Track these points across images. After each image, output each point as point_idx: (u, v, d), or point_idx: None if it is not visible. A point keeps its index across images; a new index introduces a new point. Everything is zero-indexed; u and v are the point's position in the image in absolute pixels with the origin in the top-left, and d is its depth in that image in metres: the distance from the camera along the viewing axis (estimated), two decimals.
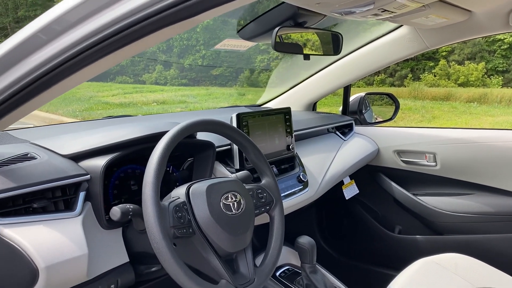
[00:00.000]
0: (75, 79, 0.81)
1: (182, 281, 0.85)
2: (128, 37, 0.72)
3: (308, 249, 1.38)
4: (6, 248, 0.85)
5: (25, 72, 0.80)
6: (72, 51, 0.75)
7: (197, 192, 0.97)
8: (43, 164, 0.99)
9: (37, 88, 0.80)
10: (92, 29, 0.74)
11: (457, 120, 8.23)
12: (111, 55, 0.76)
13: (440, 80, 19.20)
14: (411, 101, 11.34)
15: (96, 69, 0.81)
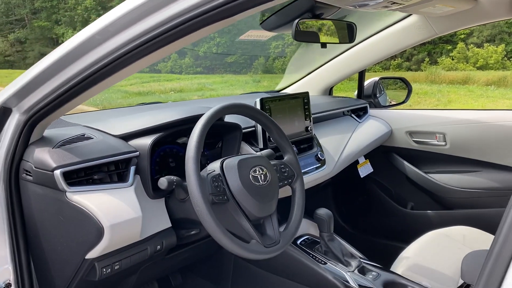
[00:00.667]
0: (127, 72, 0.96)
1: (220, 238, 1.01)
2: (173, 35, 0.86)
3: (326, 219, 1.53)
4: (76, 211, 1.02)
5: (85, 66, 0.95)
6: (126, 48, 0.90)
7: (230, 166, 1.12)
8: (99, 142, 1.15)
9: (94, 80, 0.96)
10: (141, 30, 0.88)
11: (473, 104, 8.22)
12: (157, 51, 0.91)
13: (458, 63, 18.87)
14: (428, 86, 11.28)
15: (144, 63, 0.95)
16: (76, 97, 1.02)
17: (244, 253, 1.04)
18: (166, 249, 1.24)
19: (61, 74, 0.99)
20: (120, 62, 0.92)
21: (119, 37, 0.91)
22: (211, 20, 0.82)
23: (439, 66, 18.51)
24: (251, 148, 1.50)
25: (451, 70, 17.87)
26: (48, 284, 1.18)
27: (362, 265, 1.52)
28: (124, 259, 1.13)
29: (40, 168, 1.05)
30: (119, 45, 0.91)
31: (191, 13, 0.82)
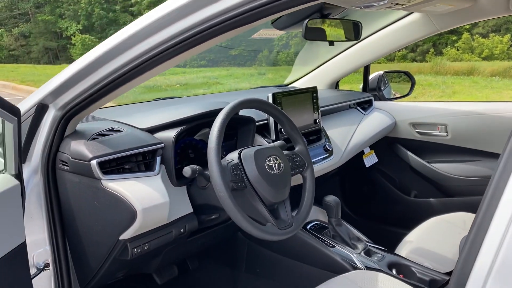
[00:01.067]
0: (154, 72, 1.07)
1: (240, 221, 1.12)
2: (201, 38, 0.97)
3: (334, 206, 1.64)
4: (111, 197, 1.14)
5: (116, 67, 1.06)
6: (154, 51, 1.01)
7: (247, 156, 1.23)
8: (128, 135, 1.27)
9: (125, 79, 1.07)
10: (169, 35, 0.98)
11: (477, 95, 8.26)
12: (188, 51, 1.01)
13: (463, 54, 18.76)
14: (432, 77, 11.29)
15: (171, 64, 1.06)
16: (108, 95, 1.13)
17: (261, 234, 1.15)
18: (189, 232, 1.36)
19: (95, 74, 1.10)
20: (148, 63, 1.03)
21: (147, 41, 1.01)
22: (236, 24, 0.92)
23: (444, 56, 18.40)
24: (264, 139, 1.61)
25: (456, 60, 17.74)
26: (83, 263, 1.30)
27: (368, 247, 1.63)
28: (153, 240, 1.25)
29: (77, 158, 1.17)
30: (147, 49, 1.01)
31: (215, 20, 0.93)
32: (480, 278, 0.59)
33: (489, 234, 0.60)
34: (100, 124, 1.34)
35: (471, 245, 0.64)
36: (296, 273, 1.69)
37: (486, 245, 0.60)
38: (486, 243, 0.61)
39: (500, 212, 0.61)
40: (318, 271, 1.61)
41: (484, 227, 0.63)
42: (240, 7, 0.87)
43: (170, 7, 0.96)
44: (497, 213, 0.62)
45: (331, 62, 2.35)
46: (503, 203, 0.61)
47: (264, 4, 0.84)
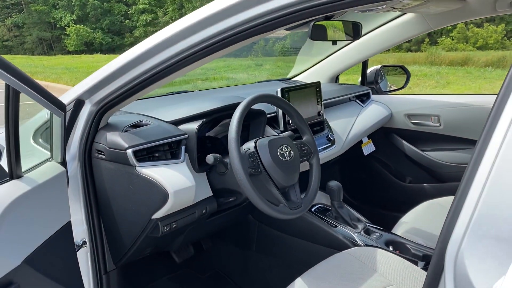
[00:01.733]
0: (182, 72, 1.22)
1: (257, 202, 1.28)
2: (226, 43, 1.12)
3: (336, 190, 1.81)
4: (145, 181, 1.30)
5: (148, 67, 1.21)
6: (183, 54, 1.16)
7: (262, 145, 1.39)
8: (156, 127, 1.43)
9: (156, 78, 1.22)
10: (197, 40, 1.13)
11: (471, 85, 8.43)
12: (209, 57, 1.15)
13: (458, 43, 18.86)
14: (427, 67, 11.44)
15: (196, 65, 1.21)
16: (139, 92, 1.28)
17: (275, 213, 1.32)
18: (209, 213, 1.52)
19: (127, 74, 1.26)
20: (178, 65, 1.18)
21: (177, 46, 1.16)
22: (260, 32, 1.07)
23: (439, 46, 18.47)
24: (273, 130, 1.77)
25: (451, 50, 17.82)
26: (117, 241, 1.46)
27: (367, 227, 1.80)
28: (179, 219, 1.42)
29: (114, 148, 1.33)
30: (176, 52, 1.16)
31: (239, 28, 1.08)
32: (458, 237, 0.75)
33: (463, 212, 0.75)
34: (129, 118, 1.50)
35: (450, 219, 0.77)
36: (303, 251, 1.86)
37: (460, 223, 0.75)
38: (460, 221, 0.75)
39: (472, 193, 0.73)
40: (322, 248, 1.78)
41: (460, 205, 0.76)
42: (267, 15, 1.02)
43: (197, 16, 1.11)
44: (473, 184, 0.74)
45: (331, 57, 2.50)
46: (479, 174, 0.73)
47: (293, 13, 0.98)
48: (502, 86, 0.75)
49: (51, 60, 18.99)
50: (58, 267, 1.22)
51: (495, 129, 0.73)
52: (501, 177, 0.70)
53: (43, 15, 28.73)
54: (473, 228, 0.72)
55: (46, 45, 29.66)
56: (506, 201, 0.69)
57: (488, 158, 0.72)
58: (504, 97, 0.73)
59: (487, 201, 0.71)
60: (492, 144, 0.72)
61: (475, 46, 18.63)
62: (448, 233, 0.75)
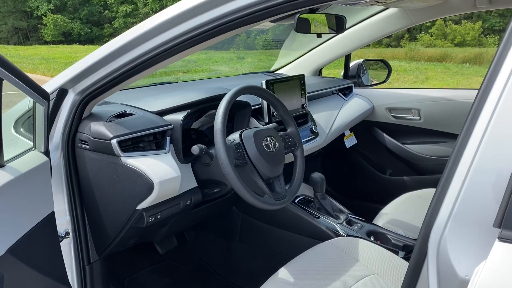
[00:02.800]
0: (166, 63, 1.21)
1: (243, 193, 1.29)
2: (210, 35, 1.11)
3: (319, 181, 1.84)
4: (131, 171, 1.29)
5: (133, 57, 1.20)
6: (166, 46, 1.15)
7: (247, 136, 1.40)
8: (141, 117, 1.42)
9: (140, 68, 1.21)
10: (181, 31, 1.12)
11: (449, 81, 8.61)
12: (192, 48, 1.14)
13: (436, 40, 19.19)
14: (407, 63, 11.62)
15: (180, 56, 1.20)
16: (123, 82, 1.27)
17: (260, 204, 1.33)
18: (194, 204, 1.53)
19: (112, 64, 1.24)
20: (161, 56, 1.17)
21: (161, 36, 1.15)
22: (246, 22, 1.06)
23: (418, 42, 18.76)
24: (258, 122, 1.78)
25: (430, 46, 18.11)
26: (101, 232, 1.45)
27: (349, 218, 1.83)
28: (164, 210, 1.42)
29: (98, 138, 1.31)
30: (160, 43, 1.16)
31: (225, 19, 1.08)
32: (441, 223, 0.78)
33: (450, 190, 0.78)
34: (113, 108, 1.49)
35: (434, 207, 0.79)
36: (286, 241, 1.88)
37: (448, 198, 0.78)
38: (443, 209, 0.77)
39: (459, 171, 0.76)
40: (305, 239, 1.81)
41: (443, 194, 0.78)
42: (252, 7, 1.02)
43: (181, 7, 1.10)
44: (457, 172, 0.76)
45: (315, 50, 2.52)
46: (462, 162, 0.75)
47: (277, 5, 0.98)
48: (483, 82, 0.77)
49: (27, 50, 18.54)
50: (42, 258, 1.21)
51: (476, 122, 0.75)
52: (482, 167, 0.73)
53: (18, 4, 27.98)
54: (456, 215, 0.75)
55: (22, 34, 28.92)
56: (486, 189, 0.72)
57: (470, 150, 0.75)
58: (485, 92, 0.75)
59: (468, 190, 0.74)
60: (474, 136, 0.75)
61: (453, 43, 18.99)
62: (431, 220, 0.78)
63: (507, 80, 0.73)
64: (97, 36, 26.77)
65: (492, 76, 0.75)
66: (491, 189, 0.71)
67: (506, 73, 0.73)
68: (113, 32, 25.48)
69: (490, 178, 0.72)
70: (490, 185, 0.72)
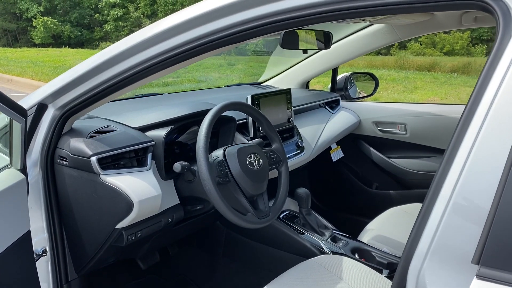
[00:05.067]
0: (150, 79, 1.19)
1: (224, 211, 1.27)
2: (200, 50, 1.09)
3: (304, 197, 1.82)
4: (110, 190, 1.27)
5: (116, 73, 1.18)
6: (152, 61, 1.13)
7: (230, 153, 1.38)
8: (122, 134, 1.39)
9: (123, 84, 1.19)
10: (163, 49, 1.10)
11: (437, 91, 8.67)
12: (176, 65, 1.12)
13: (426, 48, 19.37)
14: (396, 72, 11.70)
15: (164, 73, 1.18)
16: (105, 98, 1.25)
17: (243, 223, 1.31)
18: (175, 221, 1.50)
19: (94, 79, 1.22)
20: (147, 71, 1.15)
21: (145, 53, 1.14)
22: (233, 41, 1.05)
23: (408, 50, 18.91)
24: (243, 137, 1.77)
25: (419, 55, 18.26)
26: (79, 250, 1.42)
27: (334, 235, 1.82)
28: (145, 228, 1.39)
29: (77, 155, 1.29)
30: (145, 58, 1.14)
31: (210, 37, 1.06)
32: (421, 255, 0.76)
33: (429, 221, 0.76)
34: (95, 123, 1.46)
35: (417, 230, 0.77)
36: (270, 258, 1.86)
37: (427, 230, 0.76)
38: (427, 228, 0.75)
39: (438, 203, 0.73)
40: (289, 255, 1.79)
41: (421, 227, 0.76)
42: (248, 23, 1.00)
43: (170, 22, 1.08)
44: (436, 204, 0.74)
45: (302, 63, 2.51)
46: (441, 195, 0.73)
47: (269, 23, 0.97)
48: (471, 97, 0.74)
49: (16, 52, 18.33)
50: (16, 279, 1.17)
51: (463, 139, 0.73)
52: (463, 198, 0.71)
53: (8, 5, 27.69)
54: (435, 248, 0.73)
55: (11, 36, 28.63)
56: (466, 223, 0.70)
57: (455, 169, 0.72)
58: (472, 108, 0.73)
59: (449, 222, 0.73)
60: (460, 154, 0.72)
61: (442, 52, 19.18)
62: (412, 249, 0.77)
63: (494, 96, 0.70)
64: (87, 39, 26.57)
65: (480, 91, 0.72)
66: (471, 223, 0.70)
67: (493, 88, 0.70)
68: (103, 35, 25.28)
69: (470, 211, 0.71)
70: (470, 219, 0.70)
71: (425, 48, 19.69)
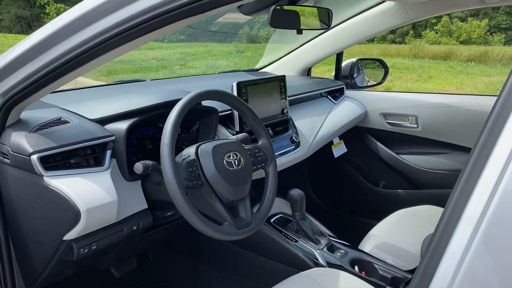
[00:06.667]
0: (106, 58, 0.97)
1: (194, 222, 1.06)
2: (148, 28, 0.88)
3: (298, 199, 1.60)
4: (54, 195, 1.06)
5: (65, 50, 0.95)
6: (106, 35, 0.91)
7: (204, 151, 1.16)
8: (76, 127, 1.18)
9: (74, 64, 0.97)
10: (121, 18, 0.89)
11: (453, 80, 8.33)
12: (132, 42, 0.92)
13: (441, 37, 18.97)
14: (410, 60, 11.35)
15: (122, 51, 0.96)
16: (55, 81, 1.02)
17: (217, 235, 1.10)
18: (143, 229, 1.29)
19: (40, 58, 0.99)
20: (100, 48, 0.92)
21: (100, 23, 0.91)
22: (185, 15, 0.84)
23: (423, 39, 18.54)
24: (227, 131, 1.54)
25: (435, 43, 17.92)
26: (27, 263, 1.22)
27: (331, 243, 1.60)
28: (101, 239, 1.18)
29: (17, 152, 1.08)
30: (99, 31, 0.91)
31: (164, 8, 0.84)
32: (442, 285, 0.55)
33: (455, 236, 0.55)
34: (47, 113, 1.25)
35: (436, 245, 0.59)
36: (258, 268, 1.65)
37: (452, 247, 0.55)
38: (452, 245, 0.57)
39: (468, 212, 0.57)
40: (280, 266, 1.58)
41: (451, 228, 0.58)
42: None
43: None
44: (465, 212, 0.57)
45: (303, 48, 2.28)
46: (472, 202, 0.57)
47: None
48: (505, 86, 0.61)
49: None
50: None
51: (499, 135, 0.58)
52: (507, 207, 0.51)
53: None
54: (466, 275, 0.51)
55: (24, 23, 28.68)
56: None
57: (489, 175, 0.56)
58: (509, 98, 0.59)
59: (485, 240, 0.51)
60: (497, 153, 0.58)
61: (459, 40, 18.78)
62: (430, 270, 0.55)
63: None
64: None
65: None
66: None
67: None
68: None
69: None
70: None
71: (441, 36, 19.31)
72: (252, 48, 14.49)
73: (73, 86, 1.72)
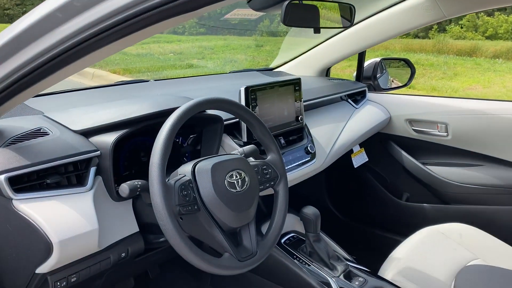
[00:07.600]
0: (94, 57, 0.80)
1: (186, 255, 0.90)
2: (135, 25, 0.71)
3: (312, 219, 1.42)
4: (23, 223, 0.91)
5: (42, 49, 0.79)
6: (93, 30, 0.74)
7: (202, 171, 1.00)
8: (55, 140, 1.02)
9: (53, 66, 0.80)
10: (104, 13, 0.72)
11: (479, 78, 7.98)
12: (119, 41, 0.75)
13: (467, 32, 18.45)
14: (434, 56, 10.99)
15: (114, 48, 0.80)
16: (32, 86, 0.86)
17: (215, 270, 0.94)
18: (133, 256, 1.14)
19: (12, 60, 0.84)
20: (85, 46, 0.76)
21: (86, 15, 0.74)
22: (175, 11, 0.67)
23: (447, 34, 18.08)
24: (233, 141, 1.38)
25: (460, 38, 17.48)
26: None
27: (349, 269, 1.42)
28: (82, 270, 1.03)
29: None
30: (85, 25, 0.74)
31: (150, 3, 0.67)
32: None
33: None
34: (27, 122, 1.10)
35: None
36: None
37: None
38: None
39: None
40: None
41: None
42: None
43: None
44: None
45: (322, 46, 2.10)
46: None
47: None
48: None
49: None
50: None
51: None
52: None
53: None
54: None
55: None
56: None
57: None
58: None
59: None
60: None
61: (484, 35, 18.28)
62: None
63: None
64: None
65: None
66: None
67: None
68: None
69: None
70: None
71: (466, 31, 18.80)
72: (272, 42, 14.28)
73: (89, 80, 1.58)
